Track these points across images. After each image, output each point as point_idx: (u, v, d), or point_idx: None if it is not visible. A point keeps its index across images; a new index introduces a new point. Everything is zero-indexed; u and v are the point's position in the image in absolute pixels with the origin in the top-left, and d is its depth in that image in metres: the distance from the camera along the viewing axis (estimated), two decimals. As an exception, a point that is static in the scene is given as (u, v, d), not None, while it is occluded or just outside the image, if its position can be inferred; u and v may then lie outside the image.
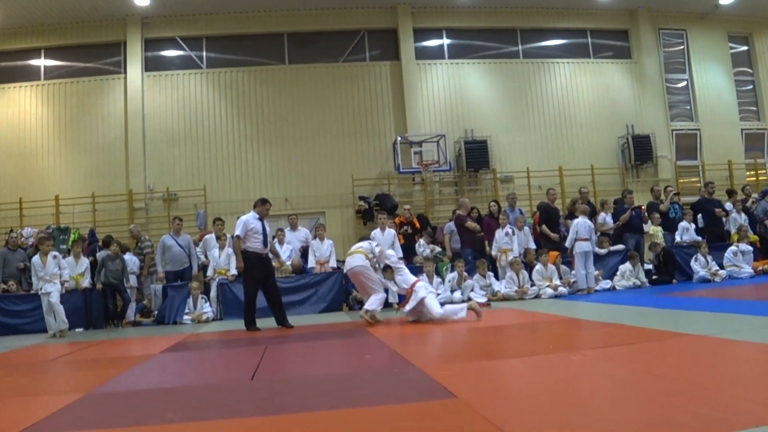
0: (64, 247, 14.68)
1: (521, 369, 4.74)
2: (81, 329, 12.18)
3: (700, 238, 14.28)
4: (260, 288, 9.88)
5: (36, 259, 11.32)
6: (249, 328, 9.68)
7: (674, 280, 13.65)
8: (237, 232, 9.67)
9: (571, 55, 19.73)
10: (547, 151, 18.82)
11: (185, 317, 12.44)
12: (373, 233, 12.53)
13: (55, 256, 11.44)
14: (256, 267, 9.69)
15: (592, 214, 14.04)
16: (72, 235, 15.23)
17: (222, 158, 17.75)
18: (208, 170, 17.61)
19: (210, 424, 3.41)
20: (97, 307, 12.60)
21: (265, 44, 18.60)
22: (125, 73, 17.84)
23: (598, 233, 13.92)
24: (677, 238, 14.44)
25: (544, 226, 14.08)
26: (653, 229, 14.71)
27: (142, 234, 14.71)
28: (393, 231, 12.71)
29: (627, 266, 13.41)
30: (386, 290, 9.73)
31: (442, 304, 9.46)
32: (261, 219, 9.85)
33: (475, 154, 17.97)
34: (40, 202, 16.67)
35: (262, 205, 9.99)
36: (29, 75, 17.96)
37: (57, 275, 11.25)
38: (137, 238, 14.14)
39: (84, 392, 4.62)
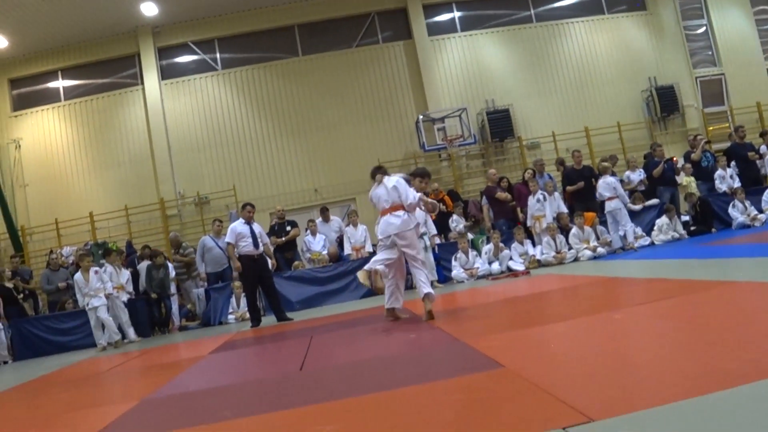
0: (103, 261, 14.89)
1: (566, 333, 4.73)
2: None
3: (737, 185, 14.01)
4: (257, 286, 10.77)
5: (78, 276, 11.51)
6: (252, 324, 10.46)
7: (713, 229, 13.47)
8: (227, 239, 10.58)
9: (585, 13, 19.44)
10: (571, 113, 18.62)
11: (230, 317, 12.61)
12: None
13: (96, 271, 11.63)
14: (248, 268, 10.43)
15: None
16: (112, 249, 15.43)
17: (248, 156, 17.85)
18: (235, 170, 17.73)
19: (264, 417, 3.45)
20: (142, 316, 12.79)
21: (276, 38, 18.61)
22: (142, 84, 18.00)
23: (627, 191, 13.67)
24: (720, 187, 14.18)
25: (568, 187, 13.94)
26: (686, 180, 14.52)
27: (182, 240, 14.86)
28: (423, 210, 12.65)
29: (664, 220, 13.23)
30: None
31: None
32: (248, 222, 10.53)
33: (499, 124, 17.84)
34: (75, 220, 16.95)
35: (243, 210, 10.87)
36: (49, 98, 18.21)
37: (101, 289, 11.44)
38: (178, 245, 14.31)
39: (139, 399, 4.70)
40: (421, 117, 17.54)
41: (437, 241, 12.79)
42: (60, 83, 18.27)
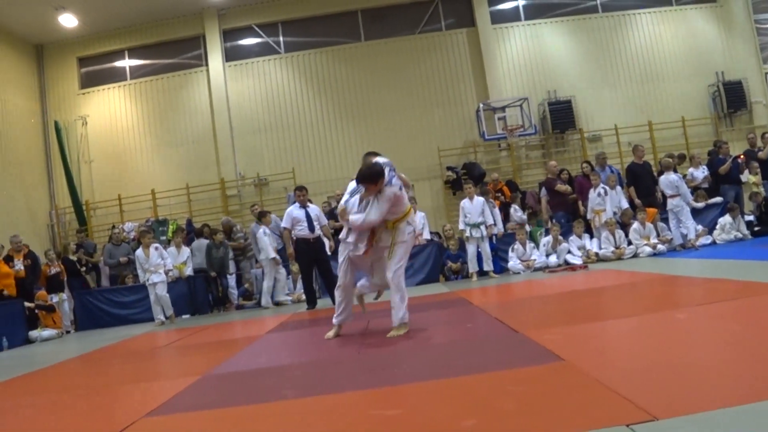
0: (164, 238, 15.21)
1: (627, 329, 4.69)
2: (187, 315, 12.62)
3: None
4: (313, 269, 10.88)
5: (139, 252, 11.81)
6: (308, 306, 10.60)
7: (778, 230, 13.11)
8: (283, 224, 10.81)
9: (652, 4, 18.89)
10: (635, 106, 18.21)
11: (286, 298, 12.76)
12: (462, 203, 12.54)
13: (156, 248, 11.91)
14: (303, 252, 10.58)
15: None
16: (171, 226, 15.76)
17: (307, 139, 17.96)
18: (295, 152, 17.86)
19: (325, 399, 3.51)
20: (201, 294, 13.06)
21: (339, 23, 18.62)
22: (207, 65, 18.22)
23: (691, 188, 13.40)
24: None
25: (631, 189, 13.64)
26: (752, 179, 14.15)
27: (234, 224, 15.05)
28: (482, 199, 12.59)
29: (727, 219, 12.88)
30: None
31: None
32: (303, 207, 10.63)
33: (560, 115, 17.57)
34: (137, 196, 17.30)
35: (296, 194, 10.94)
36: (116, 76, 18.57)
37: (161, 265, 11.71)
38: (229, 229, 14.51)
39: (200, 374, 4.81)
40: (481, 105, 17.39)
41: (494, 231, 12.69)
42: (126, 62, 18.61)
